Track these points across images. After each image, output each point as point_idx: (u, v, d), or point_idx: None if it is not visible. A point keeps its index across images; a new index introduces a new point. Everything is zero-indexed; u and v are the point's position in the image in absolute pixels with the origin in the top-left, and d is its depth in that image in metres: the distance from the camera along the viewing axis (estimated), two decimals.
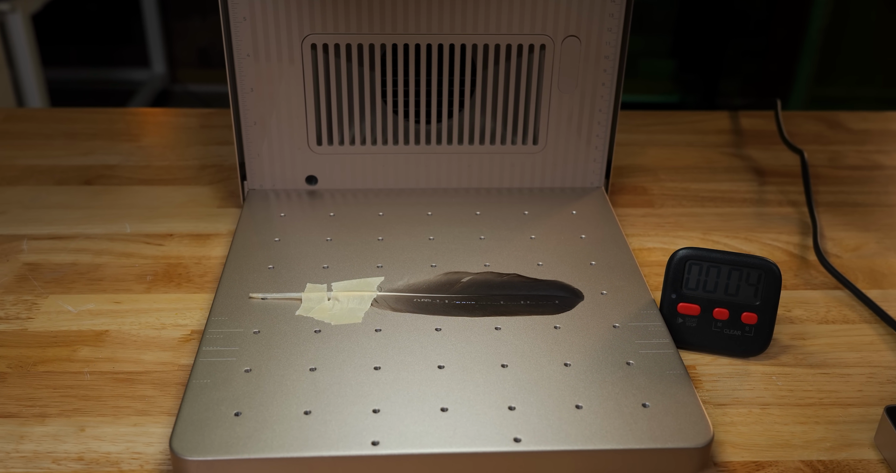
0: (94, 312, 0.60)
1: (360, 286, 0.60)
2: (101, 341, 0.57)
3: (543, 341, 0.54)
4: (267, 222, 0.69)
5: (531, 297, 0.59)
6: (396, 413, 0.48)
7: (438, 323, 0.56)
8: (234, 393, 0.49)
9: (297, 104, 0.70)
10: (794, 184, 0.82)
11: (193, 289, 0.63)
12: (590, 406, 0.48)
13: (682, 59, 2.45)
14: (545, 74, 0.70)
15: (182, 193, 0.78)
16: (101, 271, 0.65)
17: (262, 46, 0.67)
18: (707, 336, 0.56)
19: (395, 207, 0.71)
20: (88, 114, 0.95)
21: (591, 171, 0.75)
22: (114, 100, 2.54)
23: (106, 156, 0.85)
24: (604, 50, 0.69)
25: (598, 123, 0.72)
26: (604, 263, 0.63)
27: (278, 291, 0.59)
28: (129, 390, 0.53)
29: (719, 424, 0.51)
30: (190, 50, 2.76)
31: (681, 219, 0.75)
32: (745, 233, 0.73)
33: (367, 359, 0.52)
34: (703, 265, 0.56)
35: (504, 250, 0.65)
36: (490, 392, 0.50)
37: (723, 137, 0.93)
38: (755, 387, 0.54)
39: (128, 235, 0.71)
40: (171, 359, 0.56)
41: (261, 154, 0.72)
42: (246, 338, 0.54)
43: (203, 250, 0.69)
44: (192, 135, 0.91)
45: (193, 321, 0.60)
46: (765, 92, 2.35)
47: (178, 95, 2.76)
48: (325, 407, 0.48)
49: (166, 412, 0.51)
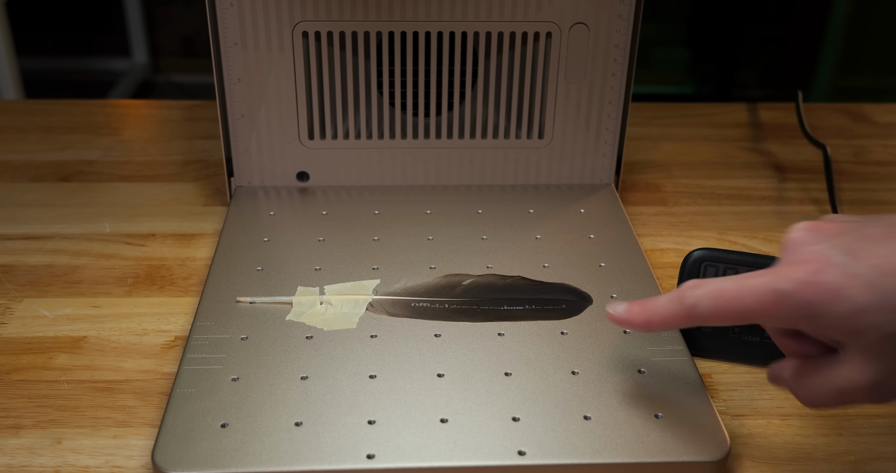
0: (72, 317, 0.60)
1: (354, 290, 0.60)
2: (78, 347, 0.57)
3: (549, 347, 0.54)
4: (255, 222, 0.69)
5: (536, 301, 0.59)
6: (393, 425, 0.48)
7: (438, 329, 0.56)
8: (221, 403, 0.49)
9: (288, 96, 0.70)
10: (816, 181, 0.82)
11: (177, 292, 0.63)
12: (599, 417, 0.48)
13: (697, 47, 2.45)
14: (551, 63, 0.70)
15: (165, 190, 0.78)
16: (78, 273, 0.65)
17: (250, 34, 0.67)
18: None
19: (391, 205, 0.71)
20: (65, 106, 0.95)
21: (600, 167, 0.75)
22: (92, 91, 2.54)
23: (84, 151, 0.85)
24: (614, 38, 0.69)
25: (607, 115, 0.72)
26: (614, 264, 0.63)
27: (267, 294, 0.59)
28: (108, 400, 0.53)
29: (737, 436, 0.51)
30: (173, 38, 2.76)
31: (696, 218, 0.75)
32: (764, 233, 0.73)
33: (361, 367, 0.52)
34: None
35: (507, 250, 0.65)
36: (493, 402, 0.50)
37: (740, 130, 0.93)
38: (775, 397, 0.54)
39: (107, 235, 0.71)
40: (153, 367, 0.56)
41: (249, 149, 0.72)
42: (233, 345, 0.54)
43: (187, 250, 0.69)
44: (175, 128, 0.91)
45: (177, 326, 0.60)
46: (785, 83, 2.35)
47: (160, 86, 2.76)
48: (317, 418, 0.48)
49: (148, 424, 0.51)
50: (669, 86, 2.46)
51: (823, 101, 2.19)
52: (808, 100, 2.22)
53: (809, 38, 2.24)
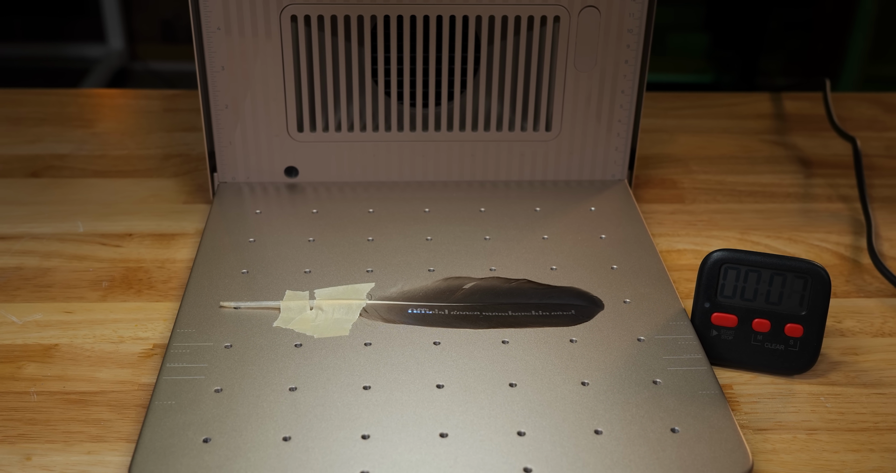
0: (42, 323, 0.61)
1: (347, 294, 0.60)
2: (49, 356, 0.57)
3: (557, 356, 0.54)
4: (240, 220, 0.69)
5: (543, 306, 0.59)
6: (389, 440, 0.48)
7: (437, 336, 0.56)
8: (203, 417, 0.49)
9: (275, 85, 0.70)
10: (845, 176, 0.82)
11: (156, 297, 0.63)
12: (611, 432, 0.48)
13: (716, 32, 2.45)
14: (559, 49, 0.70)
15: (143, 186, 0.78)
16: (49, 276, 0.66)
17: (234, 18, 0.67)
18: (745, 351, 0.56)
19: (387, 202, 0.71)
20: (35, 96, 0.95)
21: (612, 161, 0.75)
22: (65, 80, 2.54)
23: (55, 144, 0.85)
24: (627, 22, 0.69)
25: (620, 106, 0.72)
26: (627, 267, 0.63)
27: (253, 299, 0.59)
28: (81, 412, 0.53)
29: (759, 452, 0.51)
30: (152, 22, 2.76)
31: (715, 216, 0.75)
32: (788, 233, 0.73)
33: (354, 377, 0.52)
34: (741, 270, 0.56)
35: (512, 252, 0.65)
36: (496, 416, 0.50)
37: (763, 122, 0.93)
38: (801, 409, 0.54)
39: (81, 235, 0.71)
40: (130, 377, 0.56)
41: (233, 142, 0.72)
42: (216, 353, 0.54)
43: (167, 252, 0.69)
44: (154, 120, 0.91)
45: (156, 333, 0.60)
46: (812, 70, 2.35)
47: (138, 75, 2.76)
48: (306, 433, 0.48)
49: (124, 439, 0.51)
50: (687, 74, 2.46)
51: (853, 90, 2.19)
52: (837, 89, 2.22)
53: (838, 22, 2.24)
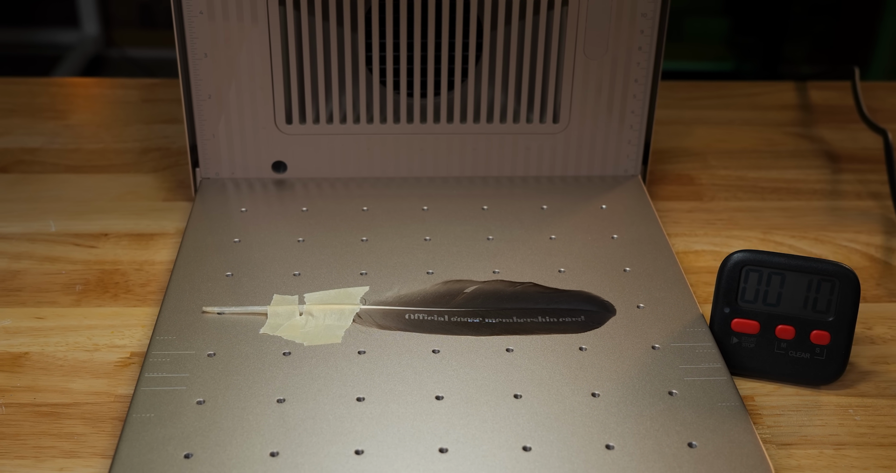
0: (11, 330, 0.61)
1: (339, 298, 0.60)
2: (19, 365, 0.57)
3: (566, 366, 0.54)
4: (224, 219, 0.69)
5: (550, 311, 0.59)
6: (384, 455, 0.48)
7: (436, 344, 0.56)
8: (184, 430, 0.49)
9: (262, 73, 0.70)
10: (875, 172, 0.82)
11: (133, 302, 0.63)
12: (623, 447, 0.49)
13: (737, 17, 2.45)
14: (568, 35, 0.70)
15: (119, 183, 0.78)
16: (19, 279, 0.66)
17: (218, 2, 0.67)
18: (768, 360, 0.56)
19: (382, 200, 0.71)
20: (4, 85, 0.95)
21: (624, 155, 0.75)
22: (35, 68, 2.54)
23: (26, 137, 0.85)
24: (640, 6, 0.69)
25: (633, 96, 0.73)
26: (640, 269, 0.63)
27: (238, 304, 0.59)
28: (53, 426, 0.53)
29: (783, 469, 0.51)
30: (129, 6, 2.76)
31: (736, 215, 0.75)
32: (815, 232, 0.73)
33: (347, 388, 0.52)
34: (764, 272, 0.56)
35: (517, 253, 0.65)
36: (500, 429, 0.50)
37: (788, 113, 0.93)
38: (827, 423, 0.54)
39: (53, 234, 0.71)
40: (105, 388, 0.56)
41: (217, 135, 0.72)
42: (198, 362, 0.54)
43: (145, 253, 0.69)
44: (131, 111, 0.91)
45: (133, 341, 0.60)
46: (839, 58, 2.35)
47: (114, 62, 2.76)
48: (295, 448, 0.48)
49: (100, 454, 0.51)
50: (705, 62, 2.45)
51: (884, 79, 2.19)
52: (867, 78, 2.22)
53: (868, 6, 2.24)
